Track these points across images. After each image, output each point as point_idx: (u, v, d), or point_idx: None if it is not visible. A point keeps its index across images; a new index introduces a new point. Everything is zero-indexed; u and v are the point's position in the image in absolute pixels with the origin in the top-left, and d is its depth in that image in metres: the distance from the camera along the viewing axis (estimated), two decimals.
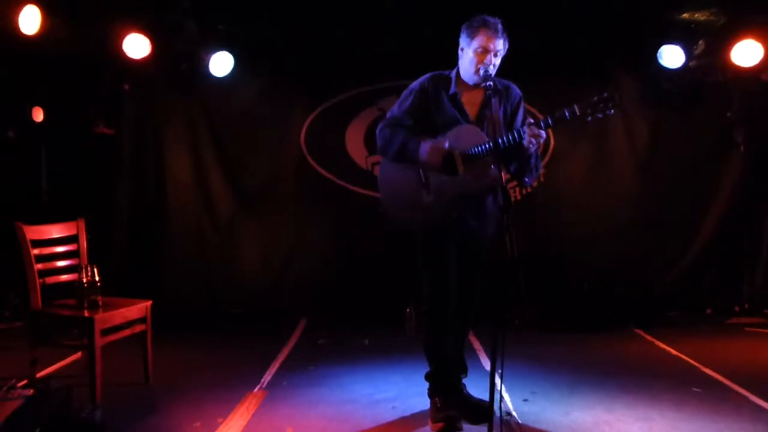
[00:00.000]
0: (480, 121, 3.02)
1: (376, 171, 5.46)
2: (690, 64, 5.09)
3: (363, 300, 5.30)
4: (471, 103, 3.05)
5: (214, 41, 5.15)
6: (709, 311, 5.40)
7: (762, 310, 5.33)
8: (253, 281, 5.62)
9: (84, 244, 3.66)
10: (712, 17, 4.87)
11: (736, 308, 5.40)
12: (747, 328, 4.97)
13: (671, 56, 5.05)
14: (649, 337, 4.69)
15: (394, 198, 3.14)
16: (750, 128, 5.36)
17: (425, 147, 2.95)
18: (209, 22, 5.08)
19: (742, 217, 5.43)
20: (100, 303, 3.38)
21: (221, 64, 5.18)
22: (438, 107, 3.03)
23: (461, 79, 3.05)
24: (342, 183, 5.65)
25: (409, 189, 3.05)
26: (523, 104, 3.12)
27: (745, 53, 4.88)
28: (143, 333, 3.58)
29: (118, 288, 3.70)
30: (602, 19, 4.92)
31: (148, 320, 3.60)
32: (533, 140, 2.80)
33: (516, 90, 3.11)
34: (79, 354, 3.95)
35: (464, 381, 3.27)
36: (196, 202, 5.64)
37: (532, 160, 2.98)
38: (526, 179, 3.07)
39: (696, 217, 5.50)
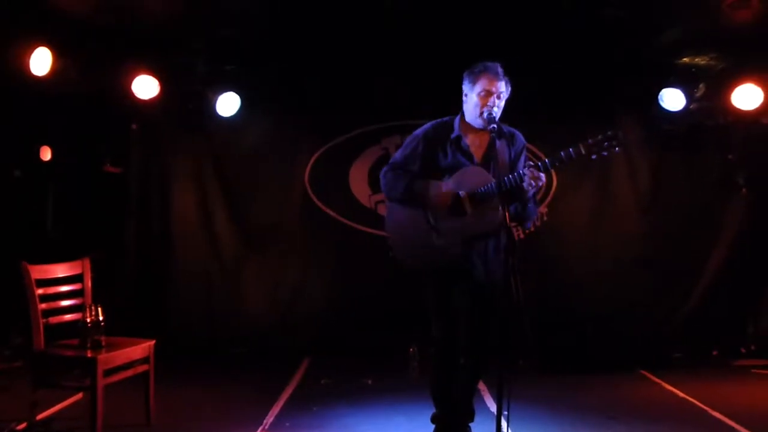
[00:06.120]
0: (486, 162, 3.07)
1: (380, 209, 5.56)
2: (691, 107, 5.15)
3: (366, 339, 5.26)
4: (477, 145, 3.11)
5: (221, 82, 5.24)
6: (715, 353, 5.36)
7: None
8: (256, 320, 5.59)
9: (89, 283, 3.66)
10: (712, 62, 4.96)
11: (742, 350, 5.35)
12: (754, 370, 4.94)
13: (672, 99, 5.10)
14: (655, 379, 4.64)
15: (404, 241, 3.16)
16: (751, 171, 5.41)
17: (433, 191, 3.02)
18: (217, 64, 5.18)
19: (747, 258, 5.43)
20: (104, 343, 3.35)
21: (228, 104, 5.26)
22: (443, 152, 3.09)
23: (466, 123, 3.12)
24: (345, 221, 5.67)
25: (419, 232, 3.07)
26: (525, 152, 3.20)
27: (745, 97, 4.94)
28: (146, 373, 3.55)
29: (121, 327, 3.68)
30: (604, 63, 5.00)
31: (151, 360, 3.57)
32: (533, 182, 2.85)
33: (521, 137, 3.18)
34: (80, 395, 3.92)
35: (470, 424, 3.23)
36: (202, 241, 5.65)
37: (530, 205, 3.03)
38: (526, 223, 3.12)
39: (700, 257, 5.49)
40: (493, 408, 3.65)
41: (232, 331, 5.53)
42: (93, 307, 3.38)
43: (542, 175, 2.86)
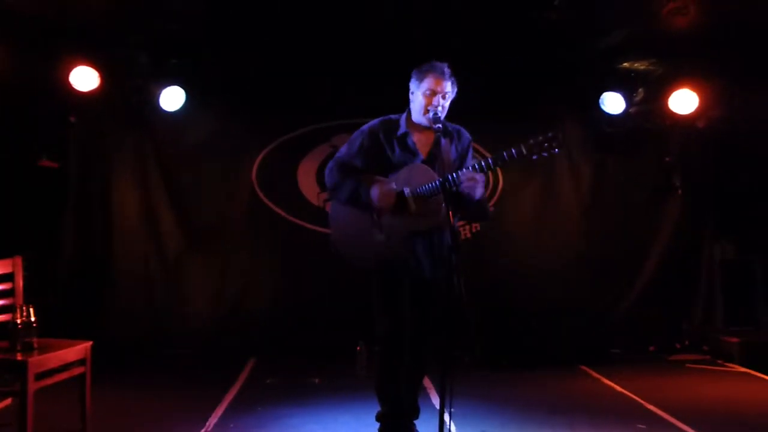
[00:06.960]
0: (431, 160, 3.09)
1: (328, 207, 5.50)
2: (630, 110, 5.33)
3: (313, 338, 5.23)
4: (422, 143, 3.12)
5: (165, 75, 5.11)
6: (651, 348, 5.56)
7: (701, 347, 5.50)
8: (200, 320, 5.48)
9: (20, 282, 3.49)
10: (650, 67, 5.14)
11: (677, 345, 5.56)
12: (688, 365, 5.13)
13: (613, 103, 5.27)
14: (594, 374, 4.77)
15: (346, 237, 3.16)
16: (687, 173, 5.63)
17: (375, 192, 3.00)
18: (161, 56, 5.04)
19: (682, 257, 5.66)
20: (36, 345, 3.20)
21: (172, 98, 5.13)
22: (389, 148, 3.09)
23: (412, 121, 3.13)
24: (293, 219, 5.62)
25: (361, 228, 3.07)
26: (471, 149, 3.22)
27: (681, 102, 5.15)
28: (82, 376, 3.41)
29: (58, 328, 3.53)
30: (548, 65, 5.11)
31: (88, 362, 3.42)
32: (470, 184, 2.86)
33: (466, 134, 3.20)
34: (8, 400, 3.74)
35: (414, 421, 3.25)
36: (144, 238, 5.49)
37: (482, 203, 3.04)
38: (479, 221, 3.14)
39: (638, 256, 5.68)
40: (437, 404, 3.69)
41: (175, 331, 5.41)
42: (24, 308, 3.22)
43: (478, 176, 2.86)
